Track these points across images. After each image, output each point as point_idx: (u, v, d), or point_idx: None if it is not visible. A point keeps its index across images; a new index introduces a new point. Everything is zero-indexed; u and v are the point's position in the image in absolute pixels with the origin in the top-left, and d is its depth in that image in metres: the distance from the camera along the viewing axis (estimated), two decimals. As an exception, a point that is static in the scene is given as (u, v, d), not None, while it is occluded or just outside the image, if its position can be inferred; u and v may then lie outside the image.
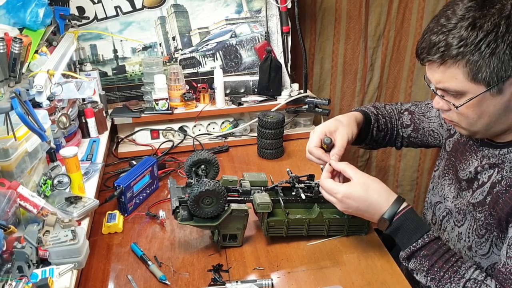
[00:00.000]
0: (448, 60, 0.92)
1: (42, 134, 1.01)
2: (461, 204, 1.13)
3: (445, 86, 0.96)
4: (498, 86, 0.91)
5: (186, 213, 1.15)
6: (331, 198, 1.10)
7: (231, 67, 1.92)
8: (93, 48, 1.80)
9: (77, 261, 0.99)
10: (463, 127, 1.04)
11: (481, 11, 0.89)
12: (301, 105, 1.81)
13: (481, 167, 1.08)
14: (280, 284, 1.10)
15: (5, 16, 1.26)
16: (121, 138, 1.77)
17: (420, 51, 0.98)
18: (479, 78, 0.91)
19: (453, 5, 0.94)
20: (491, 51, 0.88)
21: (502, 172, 1.02)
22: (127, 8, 1.77)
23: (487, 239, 1.03)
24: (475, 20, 0.89)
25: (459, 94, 0.96)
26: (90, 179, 1.38)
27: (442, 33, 0.92)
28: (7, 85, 1.03)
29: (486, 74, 0.90)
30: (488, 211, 1.03)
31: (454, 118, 1.03)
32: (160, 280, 1.11)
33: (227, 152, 1.76)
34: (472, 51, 0.89)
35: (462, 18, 0.90)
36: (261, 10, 1.86)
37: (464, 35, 0.89)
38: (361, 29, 2.09)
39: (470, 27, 0.89)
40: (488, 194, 1.04)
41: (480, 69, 0.90)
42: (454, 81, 0.94)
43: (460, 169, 1.16)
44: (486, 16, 0.89)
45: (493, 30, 0.88)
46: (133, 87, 1.88)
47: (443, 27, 0.92)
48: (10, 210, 1.00)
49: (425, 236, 1.02)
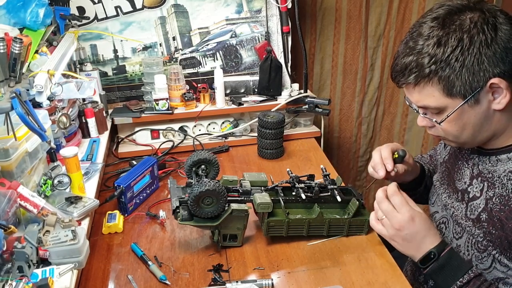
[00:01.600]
0: (421, 80, 0.95)
1: (42, 134, 1.01)
2: (457, 216, 1.13)
3: (425, 104, 0.98)
4: (474, 97, 0.94)
5: (186, 213, 1.15)
6: (394, 213, 1.06)
7: (231, 67, 1.92)
8: (93, 48, 1.80)
9: (77, 261, 0.99)
10: (450, 140, 1.05)
11: (443, 30, 0.93)
12: (301, 105, 1.81)
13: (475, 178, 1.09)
14: (280, 284, 1.10)
15: (5, 16, 1.26)
16: (121, 138, 1.77)
17: (395, 76, 1.01)
18: (454, 92, 0.94)
19: (418, 27, 0.97)
20: (460, 64, 0.91)
21: (494, 189, 1.02)
22: (127, 8, 1.77)
23: (489, 254, 1.02)
24: (440, 39, 0.92)
25: (439, 111, 0.98)
26: (90, 179, 1.38)
27: (412, 54, 0.95)
28: (7, 85, 1.03)
29: (461, 88, 0.93)
30: (487, 229, 1.02)
31: (440, 133, 1.04)
32: (160, 280, 1.11)
33: (227, 152, 1.76)
34: (443, 67, 0.92)
35: (428, 38, 0.94)
36: (261, 10, 1.86)
37: (432, 53, 0.93)
38: (361, 29, 2.10)
39: (436, 45, 0.92)
40: (483, 210, 1.04)
41: (453, 83, 0.93)
42: (432, 99, 0.96)
43: (457, 179, 1.16)
44: (449, 34, 0.92)
45: (458, 45, 0.91)
46: (133, 87, 1.88)
47: (412, 50, 0.95)
48: (11, 210, 1.00)
49: (470, 272, 1.01)
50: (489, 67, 0.91)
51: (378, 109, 2.29)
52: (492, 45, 0.91)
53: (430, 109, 1.00)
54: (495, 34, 0.91)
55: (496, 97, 0.95)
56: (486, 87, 0.93)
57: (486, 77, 0.92)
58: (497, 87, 0.93)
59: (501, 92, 0.94)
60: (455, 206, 1.14)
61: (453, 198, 1.16)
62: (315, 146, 1.81)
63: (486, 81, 0.92)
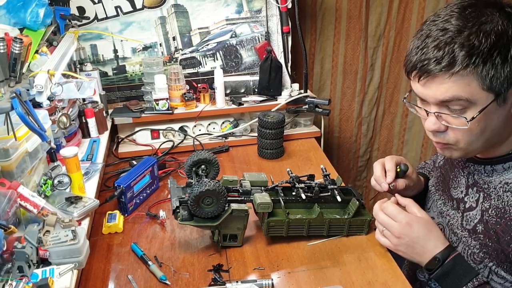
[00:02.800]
0: (460, 70, 0.87)
1: (43, 134, 1.01)
2: (452, 225, 1.11)
3: (455, 96, 0.89)
4: (504, 95, 0.89)
5: (186, 213, 1.15)
6: (391, 222, 1.07)
7: (231, 67, 1.92)
8: (93, 48, 1.80)
9: (78, 261, 0.99)
10: (459, 148, 0.98)
11: (485, 17, 0.87)
12: (301, 105, 1.81)
13: (470, 188, 1.07)
14: (280, 284, 1.10)
15: (5, 16, 1.26)
16: (122, 138, 1.77)
17: (420, 67, 0.91)
18: (492, 86, 0.87)
19: (445, 17, 0.90)
20: (504, 57, 0.85)
21: (490, 200, 1.00)
22: (128, 8, 1.77)
23: (485, 266, 1.01)
24: (481, 26, 0.86)
25: (465, 107, 0.91)
26: (90, 179, 1.38)
27: (446, 43, 0.87)
28: (7, 85, 1.03)
29: (500, 81, 0.87)
30: (483, 241, 1.01)
31: (451, 139, 0.97)
32: (161, 280, 1.11)
33: (227, 152, 1.76)
34: (485, 58, 0.85)
35: (465, 26, 0.87)
36: (262, 10, 1.86)
37: (475, 42, 0.85)
38: (361, 29, 2.10)
39: (481, 33, 0.85)
40: (479, 222, 1.02)
41: (494, 76, 0.86)
42: (467, 89, 0.88)
43: (452, 187, 1.14)
44: (492, 22, 0.86)
45: (503, 34, 0.85)
46: (133, 87, 1.88)
47: (443, 38, 0.88)
48: (11, 210, 1.00)
49: (475, 280, 0.99)
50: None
51: (378, 109, 2.29)
52: None
53: (455, 103, 0.90)
54: None
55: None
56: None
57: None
58: None
59: None
60: (450, 215, 1.13)
61: (448, 206, 1.15)
62: (315, 146, 1.81)
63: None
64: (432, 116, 0.95)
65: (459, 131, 0.94)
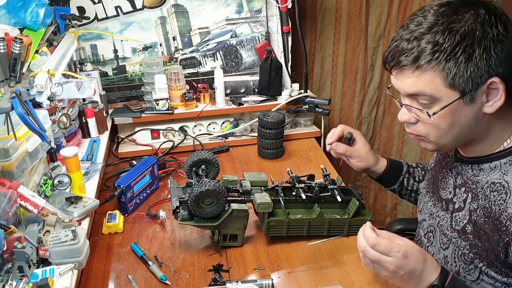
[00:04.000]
0: (424, 65, 0.89)
1: (43, 134, 1.01)
2: (442, 226, 1.11)
3: (419, 90, 0.92)
4: (471, 94, 0.90)
5: (186, 213, 1.15)
6: (384, 258, 0.95)
7: (231, 67, 1.92)
8: (93, 48, 1.80)
9: (78, 261, 0.99)
10: (430, 141, 1.00)
11: (455, 16, 0.88)
12: (302, 105, 1.81)
13: (458, 188, 1.07)
14: (281, 284, 1.10)
15: (5, 16, 1.26)
16: (122, 138, 1.77)
17: (391, 57, 0.94)
18: (455, 84, 0.89)
19: (423, 12, 0.92)
20: (469, 55, 0.87)
21: (477, 200, 1.00)
22: (128, 8, 1.77)
23: (475, 266, 1.00)
24: (450, 24, 0.87)
25: (431, 101, 0.93)
26: (90, 179, 1.38)
27: (415, 38, 0.90)
28: (7, 85, 1.03)
29: (463, 80, 0.88)
30: (473, 241, 1.00)
31: (422, 131, 0.99)
32: (161, 280, 1.11)
33: (228, 152, 1.76)
34: (448, 56, 0.87)
35: (436, 23, 0.89)
36: (262, 10, 1.86)
37: (440, 39, 0.87)
38: (361, 29, 2.10)
39: (447, 31, 0.87)
40: (468, 222, 1.02)
41: (457, 74, 0.88)
42: (431, 85, 0.91)
43: (441, 188, 1.14)
44: (461, 21, 0.87)
45: (468, 34, 0.87)
46: (133, 87, 1.88)
47: (415, 32, 0.90)
48: (11, 210, 1.00)
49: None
50: (494, 65, 0.88)
51: (378, 109, 2.29)
52: (502, 42, 0.87)
53: (422, 98, 0.93)
54: (506, 32, 0.88)
55: (489, 99, 0.91)
56: (484, 86, 0.89)
57: (489, 75, 0.88)
58: (494, 88, 0.90)
59: (496, 95, 0.91)
60: (440, 216, 1.12)
61: (438, 207, 1.14)
62: (315, 146, 1.81)
63: (487, 79, 0.88)
64: (404, 107, 0.99)
65: (427, 125, 0.97)
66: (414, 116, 0.98)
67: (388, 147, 2.37)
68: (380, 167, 1.37)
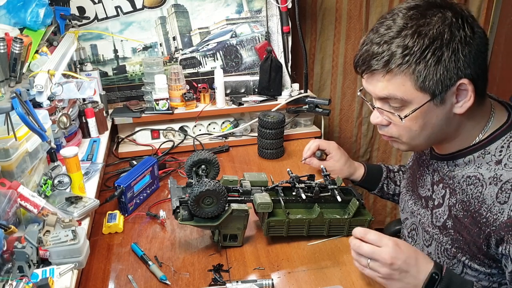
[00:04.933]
0: (394, 68, 0.90)
1: (43, 134, 1.01)
2: (423, 224, 1.12)
3: (390, 94, 0.93)
4: (441, 95, 0.91)
5: (186, 213, 1.15)
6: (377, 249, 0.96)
7: (231, 67, 1.92)
8: (93, 48, 1.80)
9: (78, 261, 0.99)
10: (403, 142, 1.02)
11: (424, 19, 0.89)
12: (302, 105, 1.81)
13: (436, 185, 1.08)
14: (281, 284, 1.10)
15: (5, 16, 1.26)
16: (122, 138, 1.77)
17: (362, 62, 0.96)
18: (425, 87, 0.90)
19: (392, 15, 0.93)
20: (438, 58, 0.88)
21: (455, 195, 1.02)
22: (128, 8, 1.77)
23: (458, 261, 1.02)
24: (418, 28, 0.88)
25: (402, 105, 0.94)
26: (90, 179, 1.38)
27: (385, 42, 0.91)
28: (7, 85, 1.03)
29: (433, 83, 0.90)
30: (454, 235, 1.01)
31: (394, 133, 1.01)
32: (161, 280, 1.11)
33: (228, 152, 1.76)
34: (418, 59, 0.88)
35: (405, 26, 0.89)
36: (262, 10, 1.86)
37: (409, 43, 0.88)
38: (361, 29, 2.09)
39: (416, 34, 0.88)
40: (448, 217, 1.03)
41: (427, 77, 0.89)
42: (402, 88, 0.92)
43: (419, 185, 1.16)
44: (429, 24, 0.88)
45: (437, 37, 0.87)
46: (133, 87, 1.88)
47: (385, 36, 0.91)
48: (11, 210, 1.00)
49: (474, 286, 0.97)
50: (462, 67, 0.89)
51: (378, 109, 2.29)
52: (469, 44, 0.89)
53: (393, 101, 0.95)
54: (473, 34, 0.90)
55: (459, 100, 0.93)
56: (454, 87, 0.91)
57: (458, 77, 0.90)
58: (463, 90, 0.92)
59: (465, 96, 0.92)
60: (421, 213, 1.14)
61: (418, 205, 1.16)
62: (315, 146, 1.81)
63: (456, 81, 0.90)
64: (376, 110, 1.01)
65: (400, 127, 0.98)
66: (386, 119, 1.00)
67: (388, 147, 2.37)
68: (358, 175, 1.45)
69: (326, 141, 1.51)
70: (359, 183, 1.46)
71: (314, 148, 1.48)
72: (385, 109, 0.98)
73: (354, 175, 1.46)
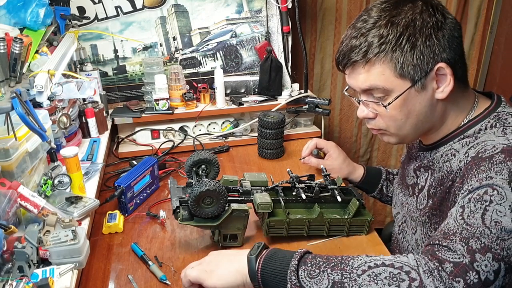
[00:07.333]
0: (372, 58, 0.95)
1: (43, 134, 1.01)
2: (410, 211, 1.14)
3: (372, 84, 0.97)
4: (421, 81, 0.95)
5: (186, 213, 1.15)
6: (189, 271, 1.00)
7: (231, 67, 1.92)
8: (93, 48, 1.80)
9: (78, 261, 0.99)
10: (392, 133, 1.05)
11: (396, 10, 0.94)
12: (302, 105, 1.81)
13: (418, 170, 1.12)
14: (281, 284, 1.10)
15: (5, 16, 1.26)
16: (122, 138, 1.77)
17: (342, 57, 1.00)
18: (404, 73, 0.94)
19: (367, 11, 0.98)
20: (412, 44, 0.92)
21: (434, 174, 1.05)
22: (128, 8, 1.77)
23: None
24: (391, 18, 0.93)
25: (385, 94, 0.98)
26: (90, 179, 1.38)
27: (362, 34, 0.95)
28: (7, 85, 1.03)
29: (411, 69, 0.94)
30: (430, 212, 1.05)
31: (382, 125, 1.04)
32: (161, 280, 1.11)
33: (228, 152, 1.76)
34: (394, 46, 0.93)
35: (379, 18, 0.95)
36: (262, 10, 1.86)
37: (384, 32, 0.93)
38: (361, 29, 2.09)
39: (389, 24, 0.93)
40: (428, 197, 1.06)
41: (404, 63, 0.93)
42: (382, 77, 0.96)
43: (406, 175, 1.19)
44: (401, 14, 0.93)
45: (409, 24, 0.92)
46: (133, 87, 1.88)
47: (361, 29, 0.96)
48: (11, 210, 1.00)
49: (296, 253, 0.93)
50: (437, 51, 0.93)
51: (378, 109, 2.29)
52: (442, 29, 0.93)
53: (376, 91, 0.98)
54: (444, 20, 0.94)
55: (440, 86, 0.97)
56: (433, 72, 0.94)
57: (435, 61, 0.93)
58: (442, 74, 0.95)
59: (445, 80, 0.96)
60: (408, 202, 1.17)
61: (406, 195, 1.19)
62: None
63: (434, 65, 0.93)
64: (361, 104, 1.04)
65: (386, 117, 1.02)
66: (371, 111, 1.03)
67: (388, 147, 2.37)
68: (357, 176, 1.46)
69: (324, 140, 1.53)
70: (358, 184, 1.46)
71: (312, 146, 1.50)
72: (370, 100, 1.01)
73: (353, 175, 1.46)
